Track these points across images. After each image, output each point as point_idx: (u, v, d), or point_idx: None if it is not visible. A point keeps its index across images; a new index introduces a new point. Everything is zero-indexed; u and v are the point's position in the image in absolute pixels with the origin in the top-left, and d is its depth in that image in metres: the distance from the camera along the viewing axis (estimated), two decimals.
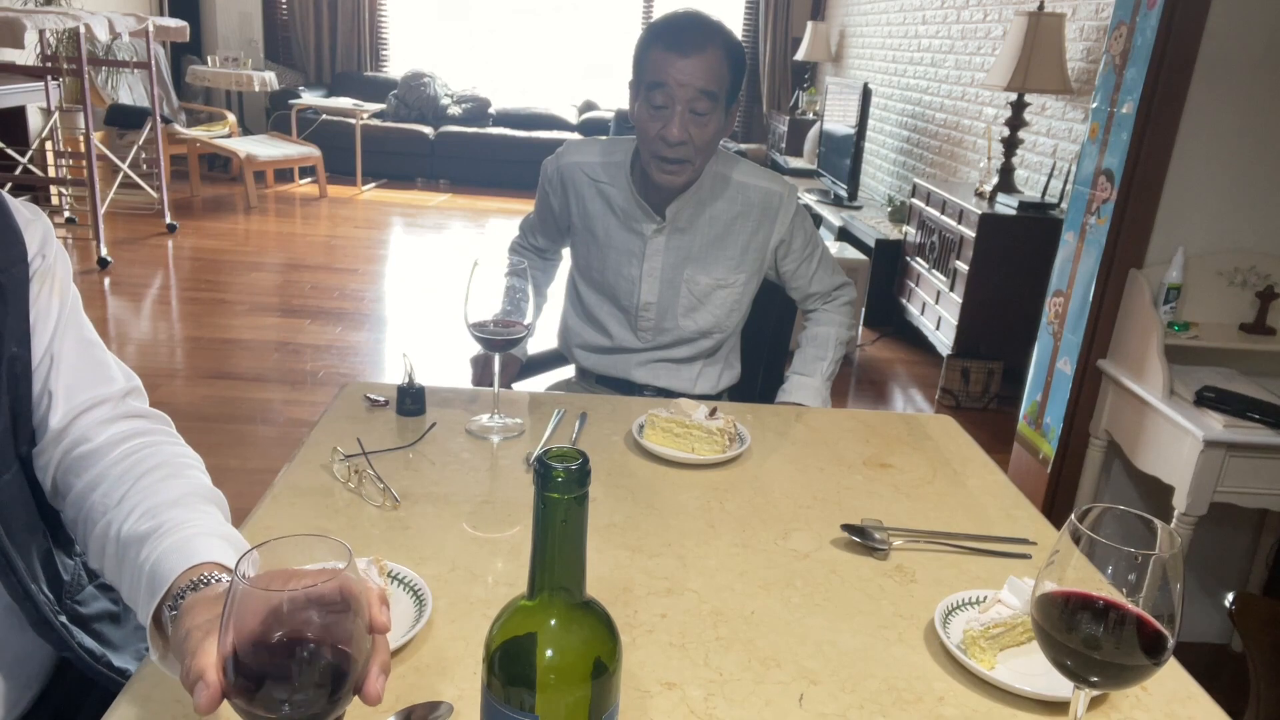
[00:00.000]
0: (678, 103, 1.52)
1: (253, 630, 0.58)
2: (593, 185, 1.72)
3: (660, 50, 1.52)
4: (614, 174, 1.70)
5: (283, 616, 0.58)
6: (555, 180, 1.76)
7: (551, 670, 0.61)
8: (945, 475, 1.34)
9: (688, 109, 1.52)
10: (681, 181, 1.62)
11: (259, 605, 0.58)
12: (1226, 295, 2.34)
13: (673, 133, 1.53)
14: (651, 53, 1.53)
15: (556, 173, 1.75)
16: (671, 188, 1.64)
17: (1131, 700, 0.88)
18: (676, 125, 1.52)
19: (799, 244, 1.75)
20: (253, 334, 4.08)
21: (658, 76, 1.52)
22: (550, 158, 1.77)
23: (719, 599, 1.00)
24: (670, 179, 1.60)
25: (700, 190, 1.67)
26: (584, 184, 1.73)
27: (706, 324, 1.74)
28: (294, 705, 0.59)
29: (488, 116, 8.20)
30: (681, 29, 1.52)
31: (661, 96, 1.53)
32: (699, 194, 1.68)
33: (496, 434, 1.36)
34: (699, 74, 1.51)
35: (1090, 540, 0.69)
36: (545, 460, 0.58)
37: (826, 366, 1.75)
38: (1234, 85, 2.22)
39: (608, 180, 1.71)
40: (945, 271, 3.99)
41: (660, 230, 1.69)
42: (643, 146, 1.61)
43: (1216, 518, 2.22)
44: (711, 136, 1.57)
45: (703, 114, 1.53)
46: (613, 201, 1.71)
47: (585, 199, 1.73)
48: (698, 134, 1.55)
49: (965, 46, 4.85)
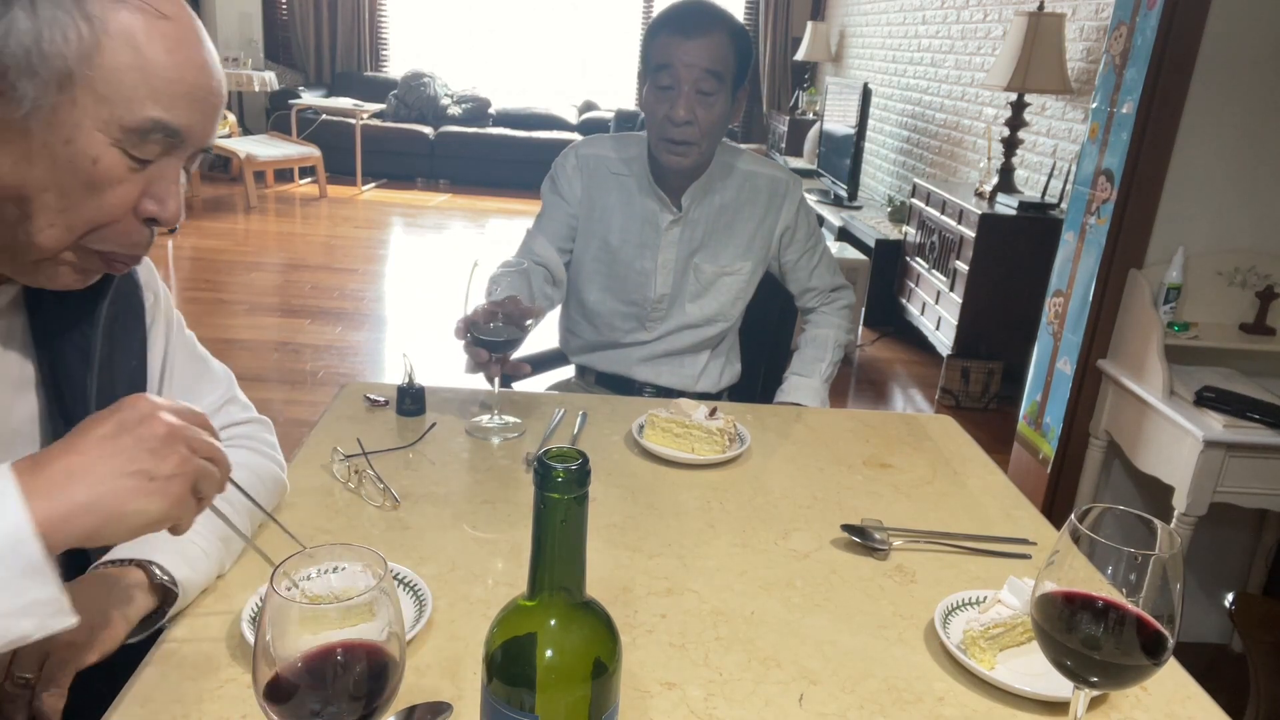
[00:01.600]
0: (684, 83, 1.55)
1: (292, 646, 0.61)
2: (613, 178, 1.74)
3: (666, 34, 1.56)
4: (631, 167, 1.73)
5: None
6: (573, 171, 1.75)
7: (551, 670, 0.61)
8: (945, 475, 1.34)
9: (694, 89, 1.56)
10: (689, 164, 1.64)
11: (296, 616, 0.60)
12: (1226, 295, 2.34)
13: (679, 113, 1.56)
14: (658, 38, 1.58)
15: (578, 163, 1.76)
16: (679, 171, 1.66)
17: (1131, 700, 0.88)
18: (683, 105, 1.56)
19: (803, 234, 1.77)
20: (252, 334, 4.08)
21: (664, 59, 1.56)
22: (566, 151, 1.78)
23: (719, 599, 1.00)
24: (678, 160, 1.62)
25: (710, 179, 1.71)
26: (604, 175, 1.74)
27: (711, 310, 1.76)
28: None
29: (488, 116, 8.20)
30: (686, 13, 1.57)
31: (668, 78, 1.56)
32: (708, 183, 1.71)
33: (496, 434, 1.36)
34: (704, 54, 1.54)
35: (1090, 540, 0.69)
36: (545, 460, 0.58)
37: (825, 368, 1.76)
38: (1234, 85, 2.22)
39: (626, 172, 1.73)
40: (945, 271, 3.99)
41: (676, 221, 1.72)
42: (651, 131, 1.64)
43: (1216, 518, 2.22)
44: (718, 118, 1.59)
45: (709, 94, 1.56)
46: (629, 195, 1.73)
47: (606, 190, 1.74)
48: (704, 115, 1.57)
49: (965, 46, 4.85)
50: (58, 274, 0.78)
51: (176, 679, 0.81)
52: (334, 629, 0.61)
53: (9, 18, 0.68)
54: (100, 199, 0.74)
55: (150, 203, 0.77)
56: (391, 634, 0.62)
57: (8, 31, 0.68)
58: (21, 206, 0.73)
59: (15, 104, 0.69)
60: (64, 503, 0.67)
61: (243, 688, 0.81)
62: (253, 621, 0.86)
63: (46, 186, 0.72)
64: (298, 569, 0.65)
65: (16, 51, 0.68)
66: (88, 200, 0.74)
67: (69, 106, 0.70)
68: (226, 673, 0.82)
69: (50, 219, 0.73)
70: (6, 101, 0.69)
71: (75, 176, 0.72)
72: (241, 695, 0.80)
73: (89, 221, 0.75)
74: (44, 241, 0.74)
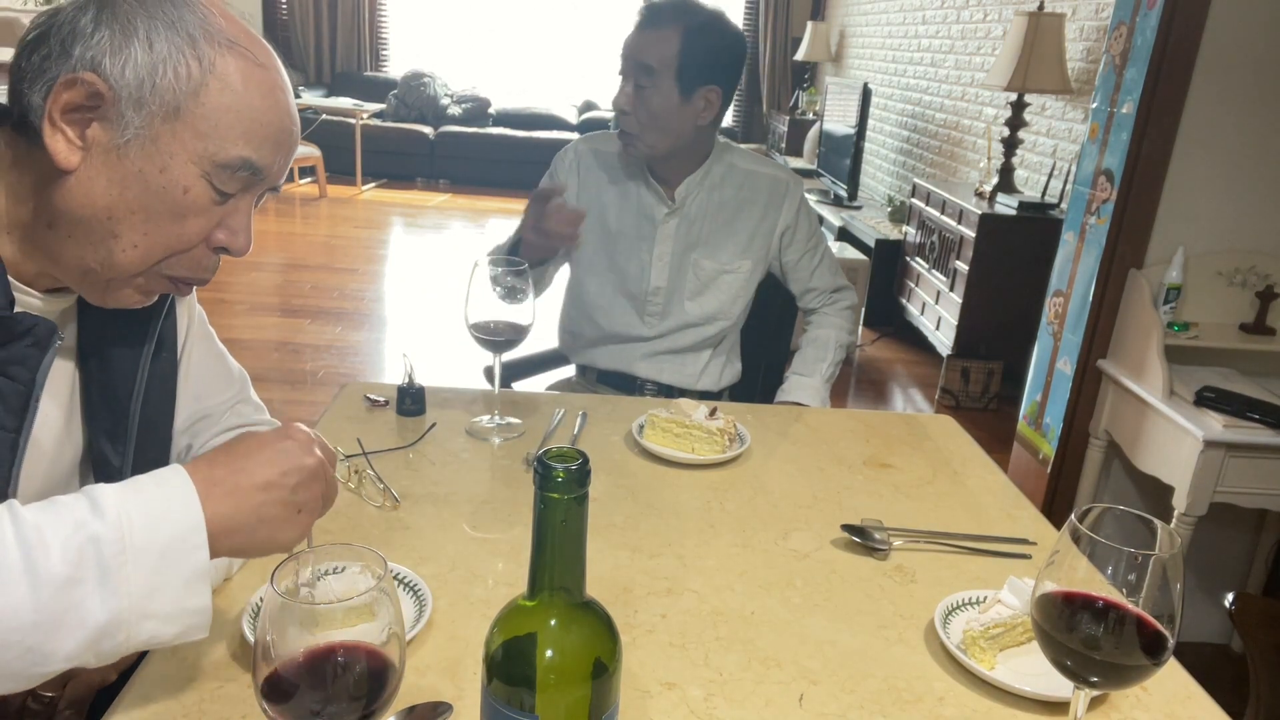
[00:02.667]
0: (627, 75, 1.63)
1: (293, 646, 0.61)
2: (610, 170, 1.77)
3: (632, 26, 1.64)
4: (628, 160, 1.75)
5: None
6: (573, 165, 1.80)
7: (551, 670, 0.61)
8: (945, 475, 1.34)
9: (634, 81, 1.62)
10: (637, 154, 1.70)
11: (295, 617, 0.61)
12: (1226, 295, 2.34)
13: (619, 100, 1.64)
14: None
15: (575, 160, 1.80)
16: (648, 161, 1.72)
17: (1131, 700, 0.88)
18: (622, 94, 1.64)
19: (803, 234, 1.78)
20: (252, 334, 4.08)
21: (622, 50, 1.64)
22: (567, 146, 1.83)
23: (719, 599, 1.00)
24: (628, 149, 1.70)
25: (709, 176, 1.73)
26: (601, 169, 1.78)
27: (711, 309, 1.77)
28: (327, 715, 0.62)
29: (488, 116, 8.20)
30: (649, 7, 1.63)
31: (622, 68, 1.65)
32: (708, 180, 1.73)
33: (496, 434, 1.36)
34: (640, 47, 1.61)
35: (1090, 540, 0.69)
36: (545, 460, 0.58)
37: (826, 368, 1.76)
38: (1234, 85, 2.22)
39: (622, 166, 1.76)
40: (945, 271, 3.99)
41: (672, 214, 1.73)
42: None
43: (1216, 518, 2.22)
44: (656, 111, 1.62)
45: (642, 86, 1.62)
46: (626, 186, 1.75)
47: (602, 183, 1.77)
48: (638, 107, 1.63)
49: (965, 46, 4.84)
50: (124, 294, 0.81)
51: (176, 679, 0.81)
52: (334, 629, 0.61)
53: (129, 51, 0.73)
54: (182, 226, 0.78)
55: (224, 233, 0.82)
56: (391, 634, 0.62)
57: (125, 63, 0.73)
58: (108, 227, 0.76)
59: (120, 130, 0.74)
60: (232, 517, 0.70)
61: (243, 688, 0.81)
62: (253, 621, 0.86)
63: (135, 210, 0.76)
64: (298, 569, 0.65)
65: (131, 82, 0.73)
66: (170, 226, 0.77)
67: (169, 138, 0.75)
68: (226, 673, 0.82)
69: (133, 240, 0.77)
70: (112, 127, 0.74)
71: (164, 203, 0.76)
72: (241, 695, 0.80)
73: (167, 247, 0.78)
74: (122, 262, 0.77)
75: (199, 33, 0.75)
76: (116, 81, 0.73)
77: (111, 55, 0.73)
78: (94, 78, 0.72)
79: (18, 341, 0.76)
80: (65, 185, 0.74)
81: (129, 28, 0.73)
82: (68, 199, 0.74)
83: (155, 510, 0.67)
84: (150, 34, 0.73)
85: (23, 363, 0.76)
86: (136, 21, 0.73)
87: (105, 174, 0.74)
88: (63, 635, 0.63)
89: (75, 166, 0.74)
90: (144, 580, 0.65)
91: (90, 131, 0.74)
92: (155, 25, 0.74)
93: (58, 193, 0.75)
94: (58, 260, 0.78)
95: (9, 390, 0.76)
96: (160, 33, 0.74)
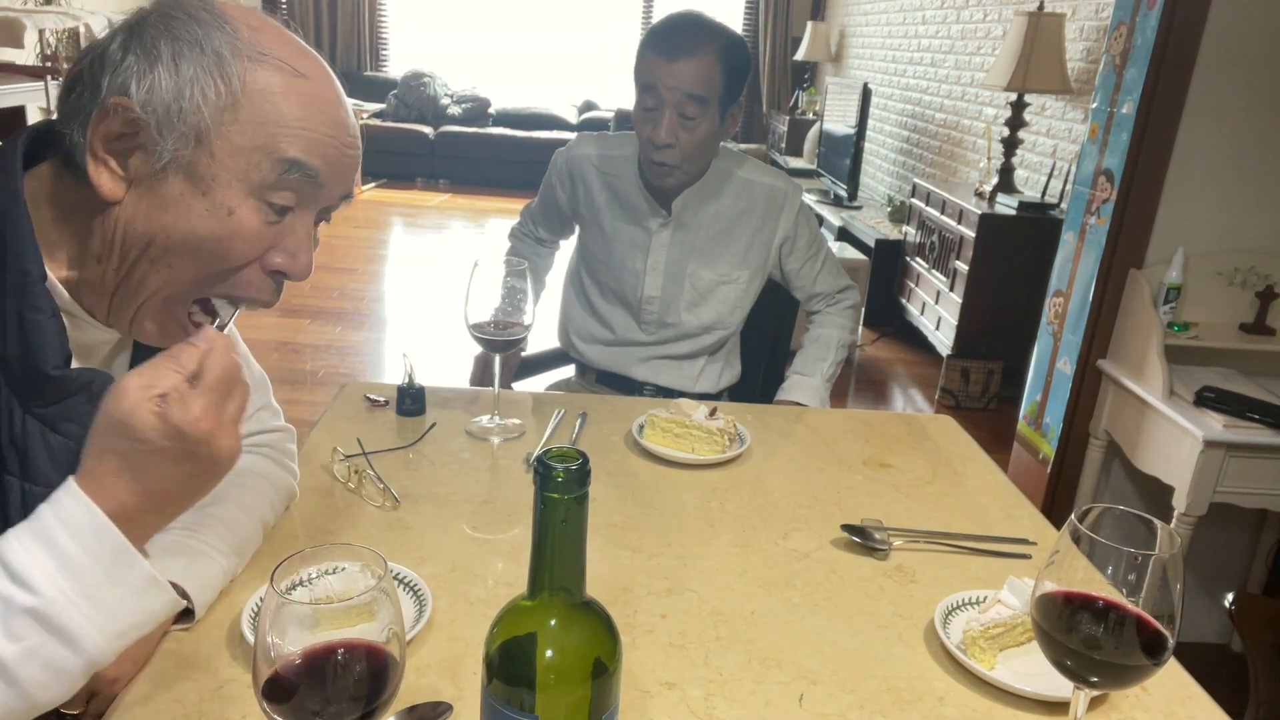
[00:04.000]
0: (666, 106, 1.54)
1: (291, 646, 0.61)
2: (601, 178, 1.74)
3: (652, 53, 1.54)
4: (621, 167, 1.72)
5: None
6: (564, 173, 1.78)
7: (551, 670, 0.61)
8: (945, 475, 1.34)
9: (676, 112, 1.54)
10: (673, 184, 1.64)
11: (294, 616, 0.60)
12: (1226, 295, 2.34)
13: (660, 135, 1.55)
14: (646, 56, 1.55)
15: (565, 165, 1.78)
16: (665, 189, 1.66)
17: (1131, 700, 0.88)
18: (664, 128, 1.54)
19: (803, 242, 1.76)
20: (252, 334, 4.07)
21: (648, 79, 1.54)
22: (561, 150, 1.81)
23: (719, 599, 1.00)
24: (661, 180, 1.63)
25: (706, 186, 1.69)
26: (592, 176, 1.75)
27: (709, 319, 1.75)
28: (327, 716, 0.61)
29: (488, 116, 8.20)
30: (673, 32, 1.54)
31: (651, 99, 1.55)
32: (704, 190, 1.70)
33: (496, 434, 1.36)
34: (687, 78, 1.52)
35: (1090, 540, 0.69)
36: (545, 460, 0.58)
37: (827, 368, 1.76)
38: (1234, 85, 2.22)
39: (615, 174, 1.73)
40: (945, 271, 3.99)
41: (665, 224, 1.71)
42: (639, 147, 1.64)
43: (1216, 518, 2.22)
44: (701, 140, 1.58)
45: (691, 118, 1.54)
46: (619, 194, 1.73)
47: (593, 191, 1.75)
48: (686, 138, 1.56)
49: (965, 46, 4.84)
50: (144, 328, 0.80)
51: (176, 679, 0.81)
52: (334, 629, 0.61)
53: (153, 76, 0.72)
54: (228, 249, 0.76)
55: (279, 255, 0.79)
56: (391, 634, 0.62)
57: (151, 89, 0.72)
58: (148, 252, 0.75)
59: (155, 157, 0.73)
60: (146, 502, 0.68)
61: (243, 688, 0.81)
62: (253, 621, 0.86)
63: (177, 235, 0.74)
64: (298, 569, 0.65)
65: (160, 106, 0.72)
66: (215, 249, 0.76)
67: (206, 160, 0.74)
68: (226, 673, 0.82)
69: (175, 264, 0.76)
70: (146, 154, 0.73)
71: (207, 226, 0.75)
72: (241, 695, 0.80)
73: (211, 272, 0.77)
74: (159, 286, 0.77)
75: (226, 50, 0.74)
76: (146, 105, 0.72)
77: (139, 79, 0.72)
78: (125, 102, 0.72)
79: (73, 398, 0.75)
80: (110, 216, 0.74)
81: (153, 52, 0.72)
82: (114, 230, 0.74)
83: (77, 565, 0.64)
84: (175, 56, 0.72)
85: (76, 419, 0.75)
86: (161, 45, 0.73)
87: (147, 201, 0.74)
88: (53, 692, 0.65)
89: (120, 197, 0.74)
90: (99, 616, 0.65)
91: (132, 161, 0.74)
92: (180, 47, 0.73)
93: (105, 225, 0.75)
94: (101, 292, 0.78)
95: (59, 446, 0.75)
96: (185, 54, 0.73)
